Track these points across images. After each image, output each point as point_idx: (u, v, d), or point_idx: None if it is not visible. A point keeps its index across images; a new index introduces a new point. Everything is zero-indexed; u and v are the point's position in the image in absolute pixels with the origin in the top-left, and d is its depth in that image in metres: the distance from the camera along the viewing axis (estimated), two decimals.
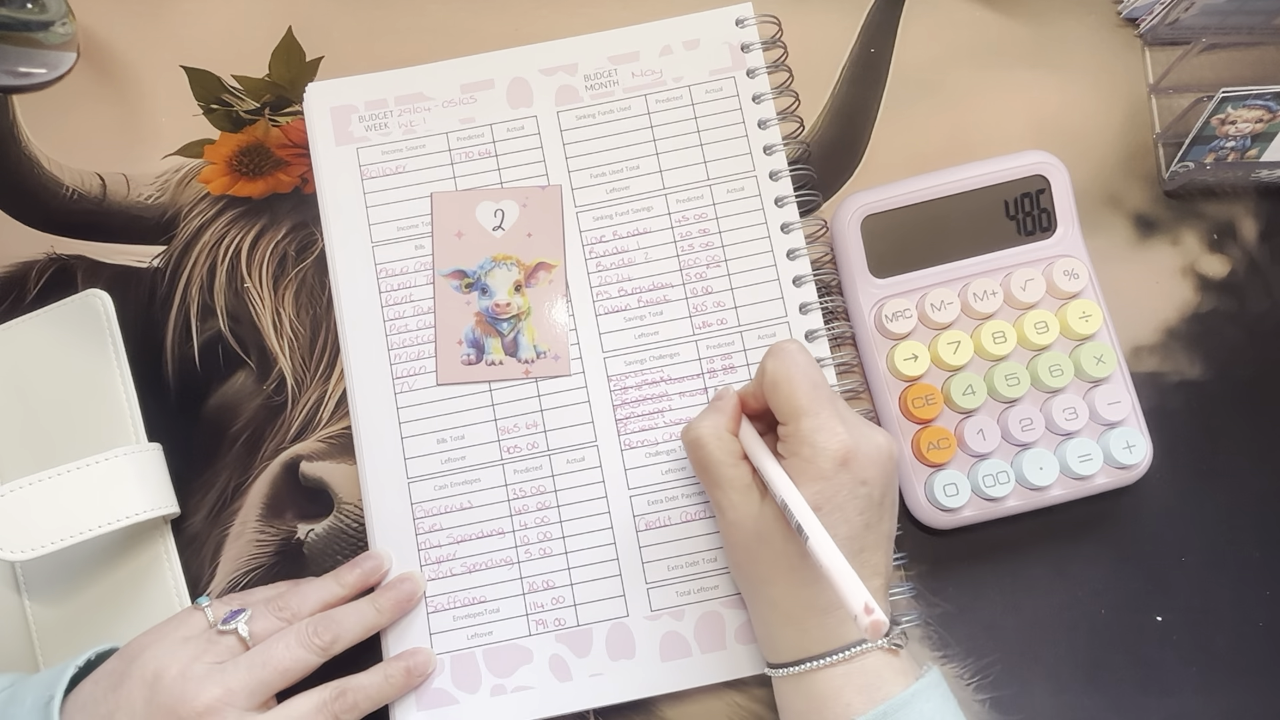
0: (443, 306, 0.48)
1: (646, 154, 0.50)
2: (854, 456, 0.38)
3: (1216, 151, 0.49)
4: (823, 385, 0.40)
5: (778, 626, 0.40)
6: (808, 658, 0.39)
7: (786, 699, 0.40)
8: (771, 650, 0.41)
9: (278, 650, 0.41)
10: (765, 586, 0.40)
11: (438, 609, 0.46)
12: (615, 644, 0.46)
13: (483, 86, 0.50)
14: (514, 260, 0.49)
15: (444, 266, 0.49)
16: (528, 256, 0.49)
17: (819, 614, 0.39)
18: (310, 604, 0.43)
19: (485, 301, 0.48)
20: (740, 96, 0.50)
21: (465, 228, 0.49)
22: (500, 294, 0.48)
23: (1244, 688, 0.46)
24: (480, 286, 0.48)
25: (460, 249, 0.49)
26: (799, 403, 0.39)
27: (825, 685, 0.38)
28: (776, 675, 0.41)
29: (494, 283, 0.48)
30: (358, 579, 0.45)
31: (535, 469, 0.47)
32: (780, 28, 0.51)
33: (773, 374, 0.40)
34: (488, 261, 0.49)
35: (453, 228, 0.49)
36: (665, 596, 0.46)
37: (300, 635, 0.41)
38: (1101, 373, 0.46)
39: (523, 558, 0.46)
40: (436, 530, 0.46)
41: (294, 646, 0.41)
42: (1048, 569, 0.48)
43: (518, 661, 0.45)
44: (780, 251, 0.49)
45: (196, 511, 0.48)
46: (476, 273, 0.48)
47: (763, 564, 0.40)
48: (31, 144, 0.51)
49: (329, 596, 0.44)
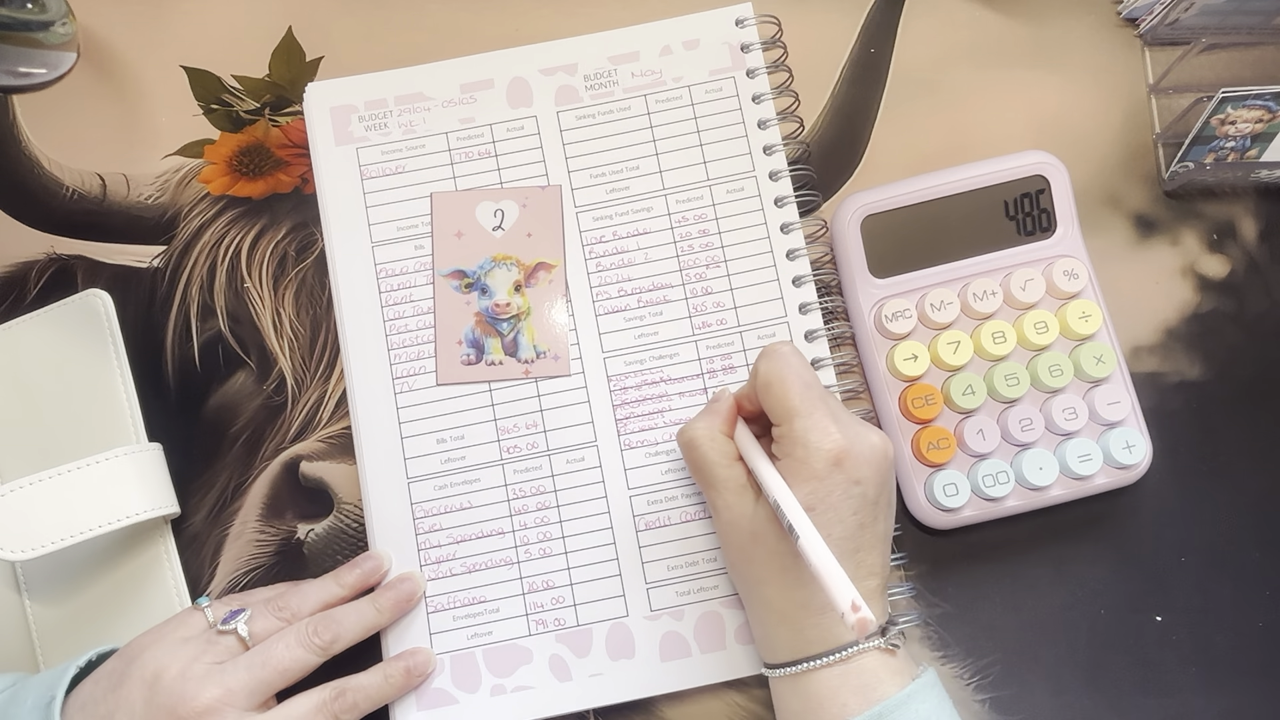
0: (442, 306, 0.48)
1: (646, 154, 0.50)
2: (847, 456, 0.38)
3: (1216, 152, 0.49)
4: (815, 386, 0.40)
5: (774, 627, 0.40)
6: (804, 658, 0.39)
7: (783, 699, 0.40)
8: (768, 650, 0.41)
9: (277, 650, 0.41)
10: (761, 587, 0.40)
11: (438, 609, 0.46)
12: (615, 644, 0.46)
13: (482, 86, 0.50)
14: (514, 260, 0.49)
15: (444, 266, 0.49)
16: (528, 257, 0.49)
17: (814, 614, 0.39)
18: (310, 604, 0.43)
19: (485, 301, 0.48)
20: (740, 96, 0.50)
21: (465, 228, 0.49)
22: (500, 294, 0.48)
23: (1244, 688, 0.46)
24: (480, 286, 0.48)
25: (460, 249, 0.49)
26: (791, 403, 0.39)
27: (821, 686, 0.38)
28: (773, 675, 0.41)
29: (494, 283, 0.48)
30: (357, 579, 0.45)
31: (535, 469, 0.47)
32: (780, 28, 0.51)
33: (765, 375, 0.40)
34: (488, 262, 0.49)
35: (452, 228, 0.49)
36: (665, 596, 0.46)
37: (300, 635, 0.41)
38: (1101, 373, 0.46)
39: (522, 558, 0.46)
40: (436, 530, 0.46)
41: (294, 646, 0.41)
42: (1048, 569, 0.48)
43: (518, 661, 0.45)
44: (780, 252, 0.49)
45: (196, 511, 0.48)
46: (476, 273, 0.48)
47: (758, 564, 0.40)
48: (31, 144, 0.51)
49: (329, 597, 0.44)
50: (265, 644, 0.41)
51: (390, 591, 0.45)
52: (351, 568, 0.45)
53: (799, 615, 0.39)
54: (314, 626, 0.42)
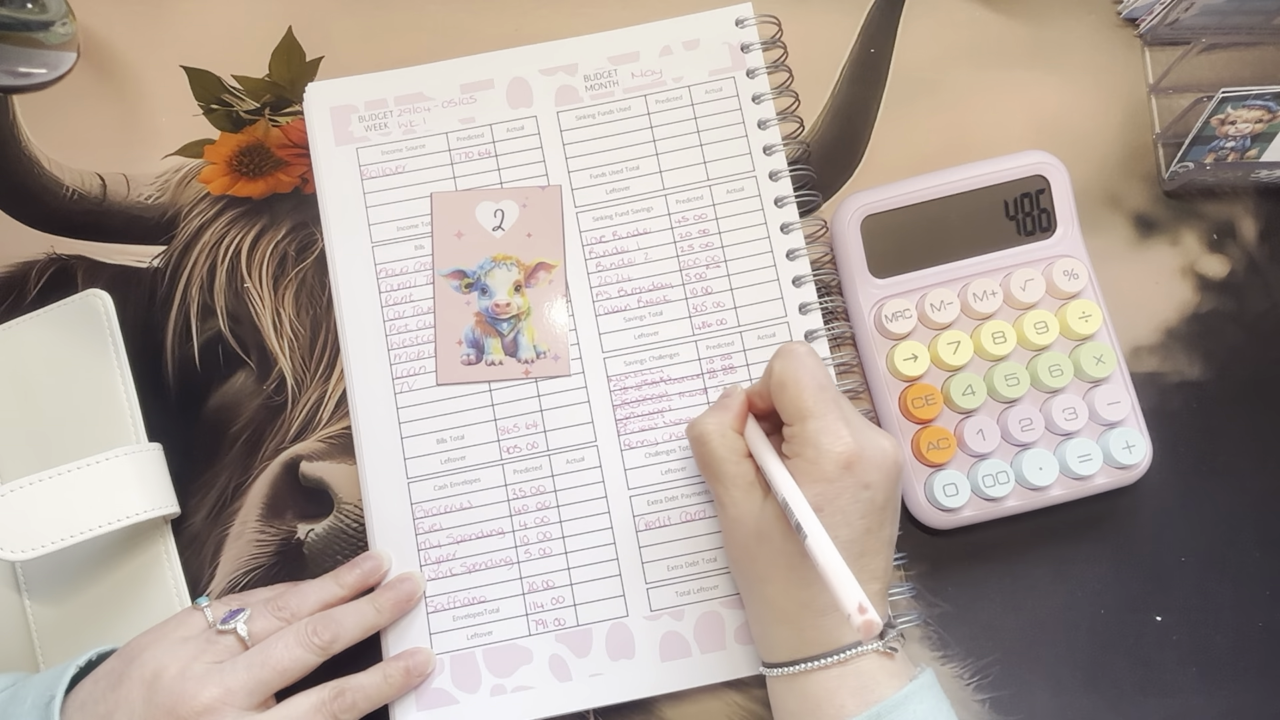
0: (442, 306, 0.48)
1: (646, 154, 0.50)
2: (858, 460, 0.38)
3: (1216, 151, 0.49)
4: (830, 388, 0.39)
5: (774, 626, 0.40)
6: (803, 658, 0.39)
7: (780, 699, 0.40)
8: (767, 650, 0.41)
9: (277, 650, 0.41)
10: (763, 585, 0.40)
11: (437, 609, 0.46)
12: (615, 644, 0.46)
13: (483, 86, 0.50)
14: (514, 260, 0.49)
15: (444, 266, 0.49)
16: (527, 256, 0.49)
17: (816, 615, 0.39)
18: (309, 604, 0.43)
19: (485, 302, 0.48)
20: (740, 97, 0.50)
21: (465, 228, 0.49)
22: (500, 294, 0.48)
23: (1244, 688, 0.46)
24: (480, 286, 0.48)
25: (460, 249, 0.49)
26: (805, 404, 0.39)
27: (819, 686, 0.38)
28: (771, 675, 0.41)
29: (494, 283, 0.48)
30: (357, 579, 0.45)
31: (535, 469, 0.47)
32: (780, 28, 0.51)
33: (780, 375, 0.40)
34: (487, 261, 0.49)
35: (452, 228, 0.49)
36: (665, 596, 0.46)
37: (299, 635, 0.41)
38: (1101, 373, 0.46)
39: (522, 558, 0.46)
40: (436, 530, 0.46)
41: (293, 646, 0.41)
42: (1048, 569, 0.48)
43: (517, 661, 0.45)
44: (780, 252, 0.49)
45: (196, 511, 0.48)
46: (476, 273, 0.48)
47: (761, 562, 0.40)
48: (31, 144, 0.51)
49: (328, 596, 0.44)
50: (264, 644, 0.41)
51: (390, 591, 0.45)
52: (351, 568, 0.45)
53: (800, 615, 0.39)
54: (313, 626, 0.42)
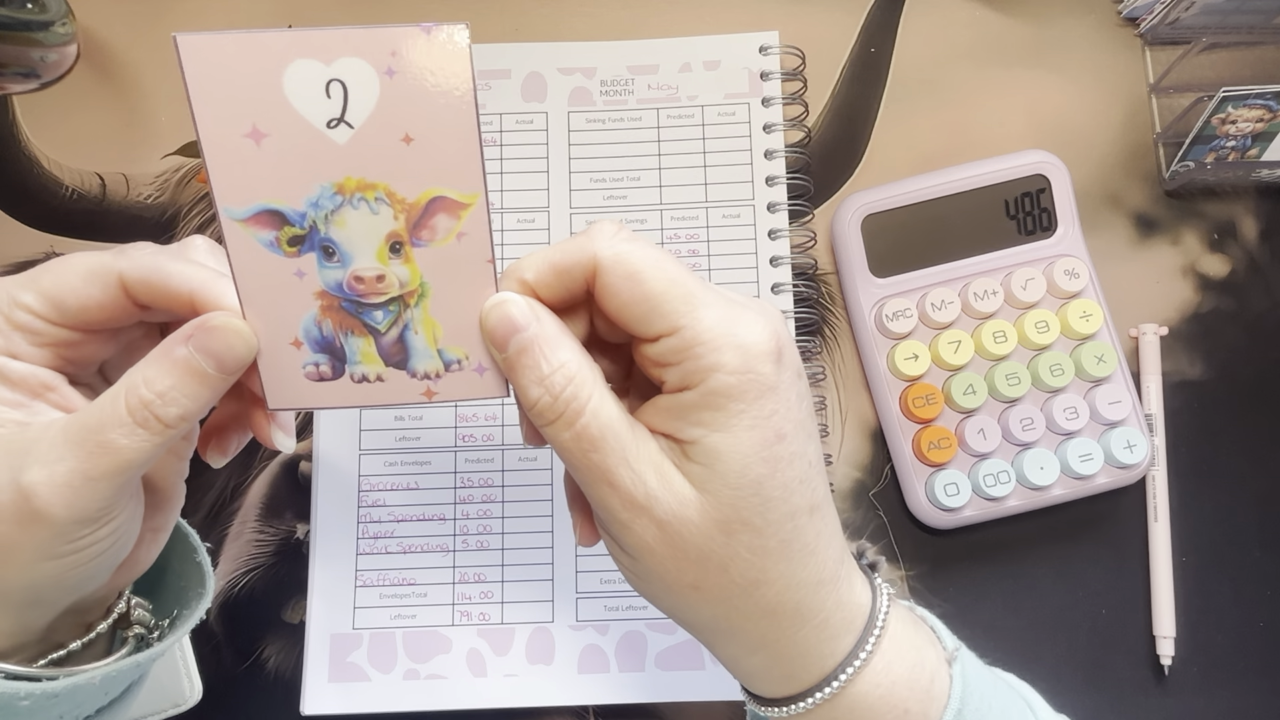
0: (250, 280, 0.27)
1: (649, 167, 0.50)
2: (785, 342, 0.27)
3: (1217, 151, 0.49)
4: (685, 264, 0.27)
5: (774, 662, 0.29)
6: (833, 671, 0.29)
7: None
8: (766, 686, 0.30)
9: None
10: (754, 589, 0.28)
11: (366, 584, 0.46)
12: (535, 648, 0.45)
13: (499, 75, 0.50)
14: (381, 190, 0.26)
15: (235, 203, 0.26)
16: (409, 184, 0.26)
17: (828, 591, 0.29)
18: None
19: (335, 272, 0.27)
20: (751, 123, 0.50)
21: (268, 119, 0.25)
22: (362, 257, 0.27)
23: (1244, 688, 0.46)
24: (319, 242, 0.26)
25: (264, 166, 0.26)
26: (689, 289, 0.26)
27: (870, 694, 0.29)
28: (782, 713, 0.30)
29: (346, 235, 0.26)
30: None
31: (487, 461, 0.47)
32: (804, 61, 0.51)
33: (627, 263, 0.26)
34: (327, 192, 0.26)
35: (240, 118, 0.25)
36: (593, 609, 0.46)
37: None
38: (1102, 372, 0.46)
39: (459, 547, 0.46)
40: (379, 505, 0.47)
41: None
42: (1048, 569, 0.48)
43: (436, 649, 0.45)
44: (765, 284, 0.48)
45: (196, 511, 0.48)
46: (307, 215, 0.26)
47: (716, 600, 0.28)
48: (31, 144, 0.51)
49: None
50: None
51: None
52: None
53: (807, 617, 0.29)
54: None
